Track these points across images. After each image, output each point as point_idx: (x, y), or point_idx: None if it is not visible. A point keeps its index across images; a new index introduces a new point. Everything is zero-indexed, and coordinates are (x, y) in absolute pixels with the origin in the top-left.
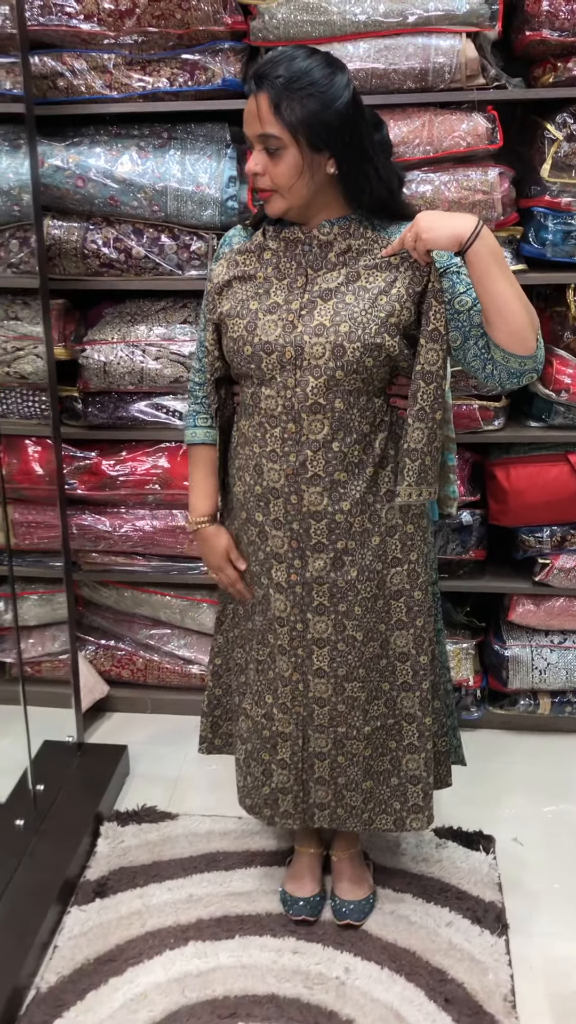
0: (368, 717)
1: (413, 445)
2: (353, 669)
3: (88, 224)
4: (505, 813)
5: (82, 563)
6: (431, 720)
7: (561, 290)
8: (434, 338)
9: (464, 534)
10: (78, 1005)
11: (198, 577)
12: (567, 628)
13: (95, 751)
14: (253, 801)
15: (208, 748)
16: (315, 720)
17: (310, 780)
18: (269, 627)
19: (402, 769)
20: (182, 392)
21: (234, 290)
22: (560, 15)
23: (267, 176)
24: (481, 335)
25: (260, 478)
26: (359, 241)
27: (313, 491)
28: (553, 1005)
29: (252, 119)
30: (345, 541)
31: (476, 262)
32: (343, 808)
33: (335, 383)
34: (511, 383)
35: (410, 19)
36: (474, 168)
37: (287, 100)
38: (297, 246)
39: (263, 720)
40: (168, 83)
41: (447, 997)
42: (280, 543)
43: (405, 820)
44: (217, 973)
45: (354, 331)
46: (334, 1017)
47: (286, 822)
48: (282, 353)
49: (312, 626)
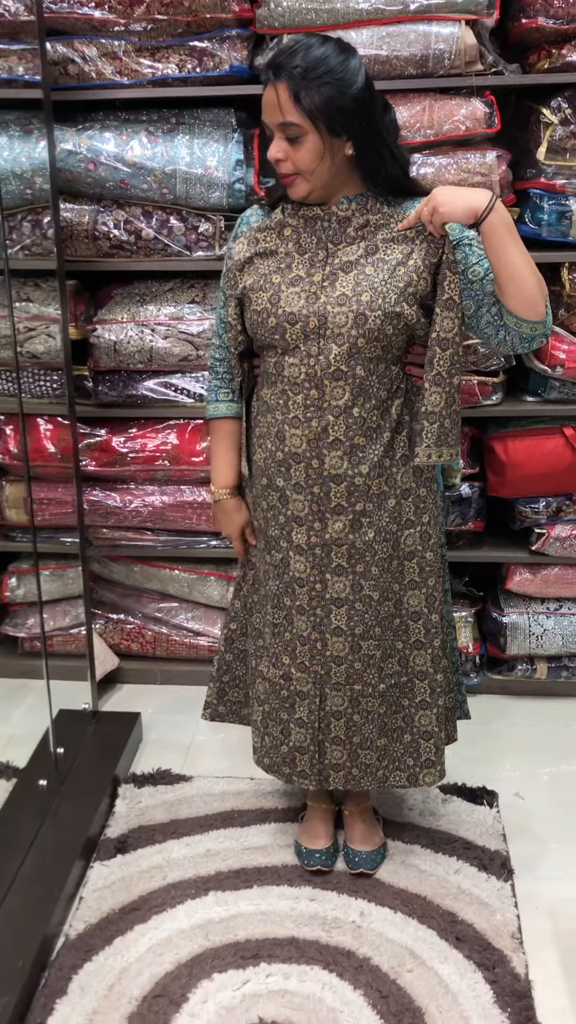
0: (383, 675)
1: (431, 408)
2: (369, 628)
3: (99, 207)
4: (506, 771)
5: (92, 539)
6: (442, 676)
7: (556, 269)
8: (449, 306)
9: (463, 506)
10: (106, 950)
11: (206, 551)
12: (563, 595)
13: (109, 718)
14: (271, 760)
15: (212, 715)
16: (332, 678)
17: (326, 740)
18: (286, 590)
19: (415, 725)
20: (191, 370)
21: (256, 266)
22: (555, 3)
23: (289, 162)
24: (493, 303)
25: (282, 444)
26: (376, 216)
27: (334, 455)
28: (557, 941)
29: (272, 108)
30: (363, 503)
31: (491, 233)
32: (358, 768)
33: (357, 351)
34: (523, 348)
35: (411, 7)
36: (473, 151)
37: (305, 89)
38: (316, 222)
39: (281, 680)
40: (177, 69)
41: (458, 936)
42: (301, 506)
43: (418, 775)
44: (238, 919)
45: (375, 300)
46: (352, 956)
47: (303, 781)
48: (306, 323)
49: (331, 586)
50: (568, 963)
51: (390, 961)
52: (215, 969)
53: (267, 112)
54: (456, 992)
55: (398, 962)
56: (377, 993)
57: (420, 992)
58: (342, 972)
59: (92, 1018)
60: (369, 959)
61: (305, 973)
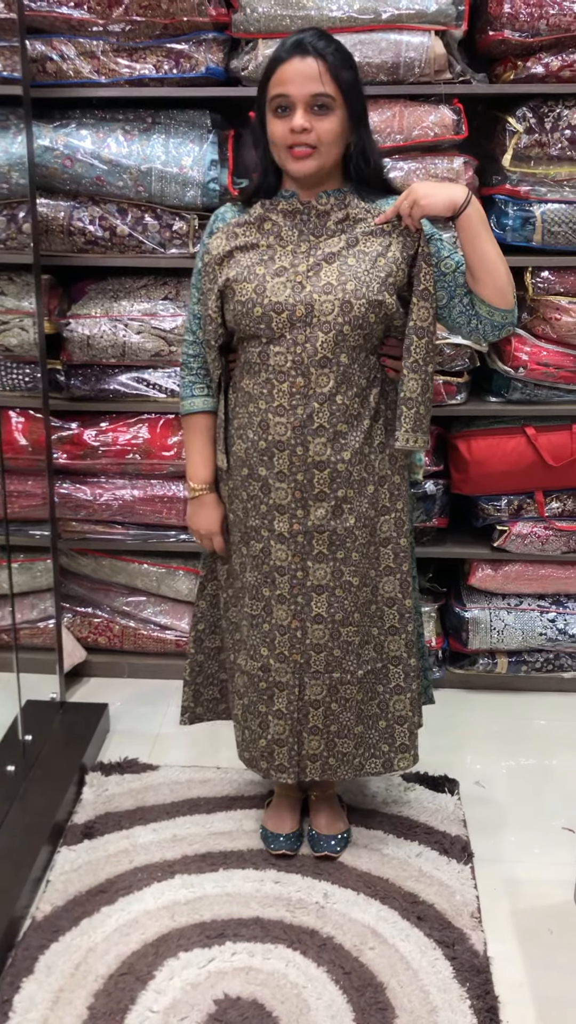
0: (361, 661)
1: (409, 394)
2: (349, 614)
3: (74, 203)
4: (467, 761)
5: (62, 532)
6: (415, 661)
7: (520, 274)
8: (424, 297)
9: (428, 503)
10: (73, 931)
11: (175, 545)
12: (523, 591)
13: (77, 709)
14: (251, 754)
15: (191, 718)
16: (312, 667)
17: (304, 730)
18: (265, 580)
19: (389, 711)
20: (163, 365)
21: (236, 259)
22: (520, 17)
23: (314, 133)
24: (465, 294)
25: (266, 432)
26: (355, 211)
27: (318, 442)
28: (515, 919)
29: (306, 80)
30: (345, 490)
31: (468, 226)
32: (334, 757)
33: (342, 338)
34: (494, 335)
35: (383, 16)
36: (441, 157)
37: (340, 68)
38: (296, 216)
39: (259, 673)
40: (154, 70)
41: (419, 915)
42: (284, 494)
43: (393, 760)
44: (204, 901)
45: (359, 289)
46: (316, 935)
47: (280, 775)
48: (292, 311)
49: (312, 573)
50: (525, 940)
51: (353, 940)
52: (181, 948)
53: (296, 83)
54: (417, 968)
55: (361, 940)
56: (340, 969)
57: (382, 968)
58: (306, 950)
59: (58, 995)
60: (332, 938)
61: (270, 951)
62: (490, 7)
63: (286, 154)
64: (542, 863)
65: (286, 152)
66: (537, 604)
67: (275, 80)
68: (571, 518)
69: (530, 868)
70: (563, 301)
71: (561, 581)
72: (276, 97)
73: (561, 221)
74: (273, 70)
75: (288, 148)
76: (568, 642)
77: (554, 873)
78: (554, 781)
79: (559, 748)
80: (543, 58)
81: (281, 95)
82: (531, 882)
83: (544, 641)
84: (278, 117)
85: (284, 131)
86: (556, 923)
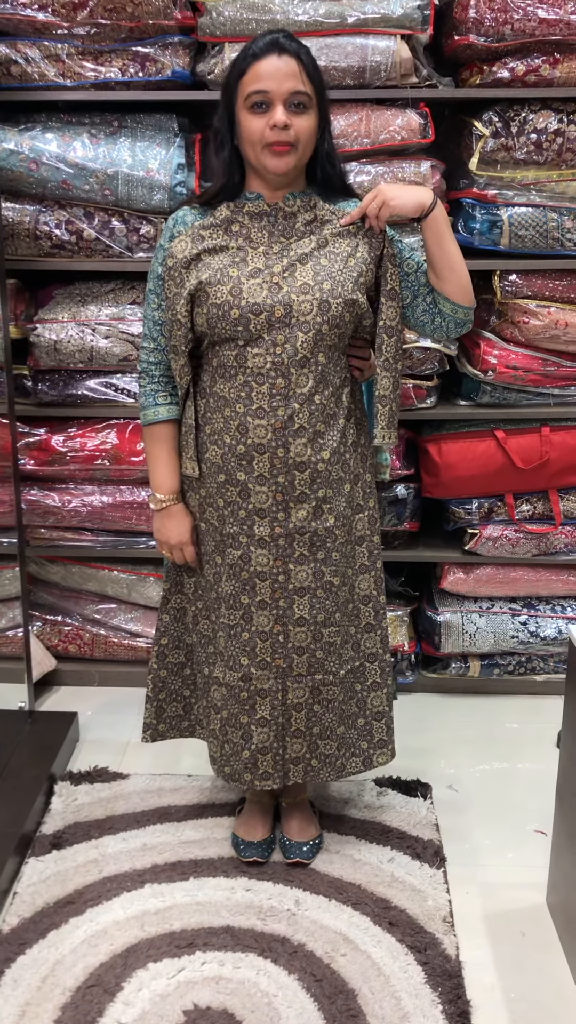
0: (342, 660)
1: (383, 392)
2: (331, 615)
3: (40, 206)
4: (440, 765)
5: (30, 539)
6: (389, 656)
7: (487, 277)
8: (392, 296)
9: (399, 507)
10: (40, 943)
11: (145, 551)
12: (494, 594)
13: (46, 718)
14: (232, 768)
15: (153, 735)
16: (294, 670)
17: (287, 734)
18: (244, 587)
19: (368, 708)
20: (131, 370)
21: (206, 262)
22: (485, 22)
23: (292, 130)
24: (428, 292)
25: (244, 436)
26: (322, 212)
27: (299, 442)
28: (487, 923)
29: (286, 77)
30: (325, 489)
31: (434, 226)
32: (317, 759)
33: (320, 337)
34: (456, 332)
35: (349, 20)
36: (408, 160)
37: (312, 68)
38: (263, 218)
39: (240, 683)
40: (120, 73)
41: (391, 921)
42: (264, 498)
43: (372, 757)
44: (174, 910)
45: (335, 288)
46: (287, 943)
47: (266, 783)
48: (271, 312)
49: (293, 576)
50: (497, 944)
51: (324, 946)
52: (150, 959)
53: (275, 79)
54: (389, 974)
55: (332, 947)
56: (311, 977)
57: (353, 975)
58: (277, 958)
59: (25, 1009)
60: (304, 945)
61: (240, 960)
62: (455, 12)
63: (264, 151)
64: (514, 866)
65: (263, 149)
66: (509, 607)
67: (251, 76)
68: (541, 521)
69: (502, 871)
70: (531, 304)
71: (532, 584)
72: (253, 94)
73: (528, 225)
74: (247, 67)
75: (266, 145)
76: (540, 645)
77: (526, 876)
78: (526, 784)
79: (531, 751)
80: (509, 63)
81: (260, 91)
82: (503, 885)
83: (516, 644)
84: (254, 114)
85: (262, 127)
86: (528, 926)
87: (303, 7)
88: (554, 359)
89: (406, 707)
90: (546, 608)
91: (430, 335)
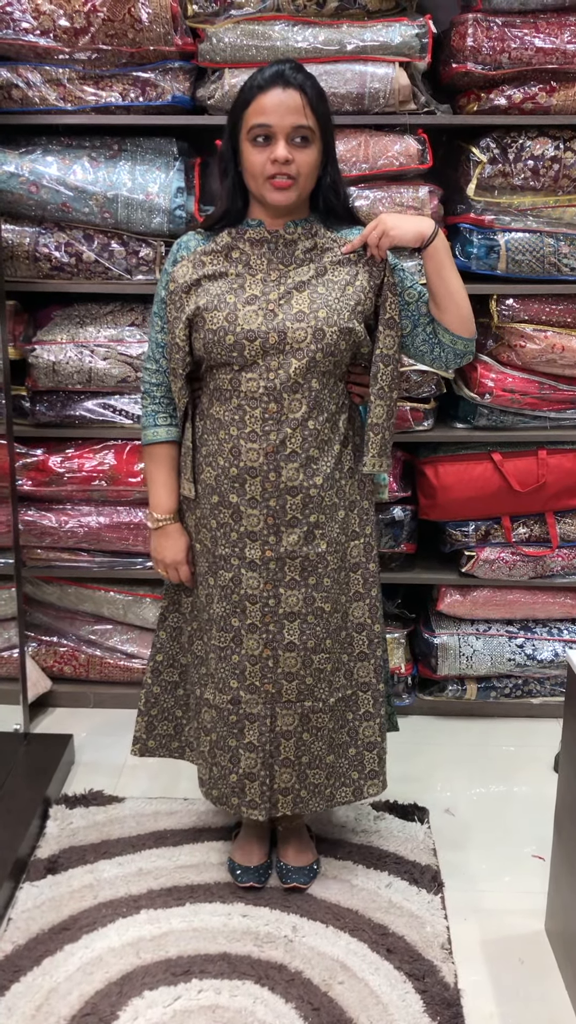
0: (332, 688)
1: (375, 420)
2: (321, 641)
3: (40, 228)
4: (437, 789)
5: (27, 559)
6: (383, 686)
7: (485, 301)
8: (390, 325)
9: (396, 528)
10: (35, 970)
11: (141, 572)
12: (491, 617)
13: (41, 740)
14: (220, 791)
15: (141, 750)
16: (283, 696)
17: (275, 763)
18: (234, 610)
19: (359, 738)
20: (130, 392)
21: (205, 288)
22: (483, 51)
23: (294, 164)
24: (428, 323)
25: (237, 459)
26: (322, 240)
27: (291, 467)
28: (485, 950)
29: (289, 111)
30: (317, 515)
31: (435, 256)
32: (306, 789)
33: (314, 364)
34: (455, 363)
35: (348, 48)
36: (406, 186)
37: (319, 101)
38: (263, 245)
39: (229, 706)
40: (120, 98)
41: (389, 948)
42: (256, 521)
43: (363, 788)
44: (170, 936)
45: (331, 316)
46: (284, 970)
47: (252, 812)
48: (265, 339)
49: (284, 600)
50: (496, 971)
51: (322, 974)
52: (146, 986)
53: (278, 114)
54: (387, 1003)
55: (330, 975)
56: (309, 1006)
57: (351, 1003)
58: (274, 986)
59: None
60: (301, 972)
61: (237, 988)
62: (453, 40)
63: (265, 184)
64: (512, 892)
65: (264, 182)
66: (505, 630)
67: (254, 109)
68: (538, 543)
69: (500, 897)
70: (527, 328)
71: (529, 606)
72: (256, 127)
73: (525, 250)
74: (251, 99)
75: (268, 178)
76: (536, 667)
77: (524, 902)
78: (523, 808)
79: (528, 774)
80: (506, 90)
81: (262, 125)
82: (501, 911)
83: (513, 667)
84: (257, 147)
85: (264, 161)
86: (527, 953)
87: (303, 34)
88: (551, 383)
89: (403, 730)
90: (543, 631)
91: (429, 365)
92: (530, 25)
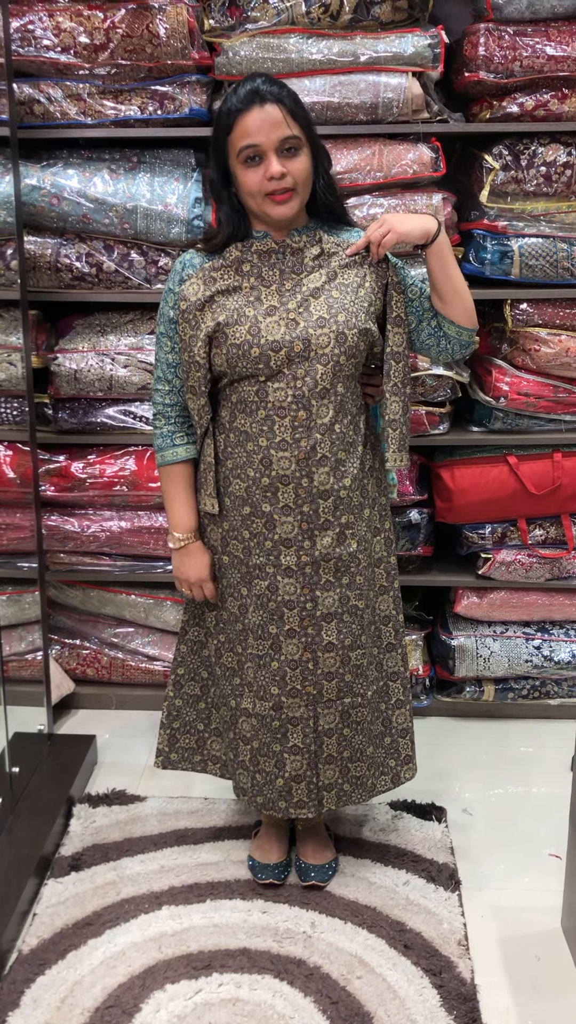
0: (368, 682)
1: (392, 416)
2: (357, 638)
3: (61, 240)
4: (455, 789)
5: (50, 563)
6: (408, 673)
7: (499, 306)
8: (398, 323)
9: (413, 532)
10: (59, 964)
11: (162, 575)
12: (508, 619)
13: (65, 741)
14: (266, 797)
15: (164, 763)
16: (324, 696)
17: (319, 761)
18: (272, 617)
19: (393, 726)
20: (149, 398)
21: (220, 303)
22: (495, 59)
23: (290, 176)
24: (432, 317)
25: (268, 468)
26: (328, 245)
27: (322, 471)
28: (503, 947)
29: (272, 126)
30: (347, 515)
31: (439, 252)
32: (349, 783)
33: (339, 368)
34: (460, 353)
35: (362, 59)
36: (420, 193)
37: (296, 108)
38: (272, 256)
39: (271, 712)
40: (139, 111)
41: (406, 944)
42: (290, 528)
43: (400, 774)
44: (191, 932)
45: (350, 319)
46: (303, 965)
47: (300, 812)
48: (291, 348)
49: (321, 603)
50: (512, 967)
51: (340, 969)
52: (168, 980)
53: (263, 132)
54: (404, 997)
55: (348, 970)
56: (327, 999)
57: (369, 998)
58: (293, 980)
59: None
60: (319, 967)
61: (257, 982)
62: (465, 50)
63: (265, 201)
64: (529, 890)
65: (264, 199)
66: (522, 631)
67: (239, 132)
68: (554, 545)
69: (517, 895)
70: (542, 332)
71: (546, 608)
72: (245, 148)
73: (538, 255)
74: (233, 123)
75: (267, 195)
76: (554, 669)
77: (541, 900)
78: (540, 808)
79: (545, 775)
80: (518, 98)
81: (250, 145)
82: (518, 909)
83: (530, 668)
84: (249, 167)
85: (260, 180)
86: (543, 950)
87: (317, 46)
88: (566, 386)
89: (421, 731)
90: (560, 632)
91: (436, 357)
92: (541, 34)
